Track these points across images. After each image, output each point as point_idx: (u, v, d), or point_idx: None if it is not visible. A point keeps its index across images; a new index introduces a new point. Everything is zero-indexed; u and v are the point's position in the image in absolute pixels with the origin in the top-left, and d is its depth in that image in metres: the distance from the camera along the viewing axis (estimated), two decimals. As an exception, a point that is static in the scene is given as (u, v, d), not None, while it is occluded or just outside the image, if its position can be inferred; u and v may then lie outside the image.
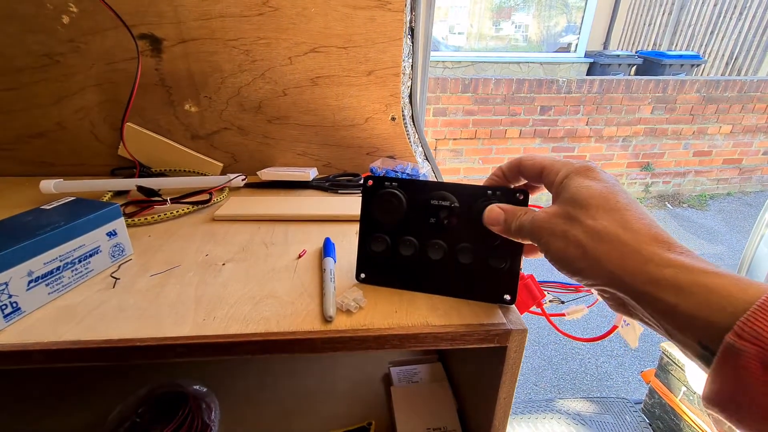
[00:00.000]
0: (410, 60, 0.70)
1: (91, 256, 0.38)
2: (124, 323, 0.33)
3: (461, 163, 3.07)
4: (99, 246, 0.39)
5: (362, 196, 0.38)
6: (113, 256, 0.40)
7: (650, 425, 1.17)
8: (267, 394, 0.54)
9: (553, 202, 0.30)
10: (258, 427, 0.49)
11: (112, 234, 0.40)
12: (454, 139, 3.00)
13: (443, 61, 4.31)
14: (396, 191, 0.37)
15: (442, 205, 0.36)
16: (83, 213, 0.38)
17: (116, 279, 0.38)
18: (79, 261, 0.37)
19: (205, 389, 0.50)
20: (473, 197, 0.36)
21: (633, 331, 0.36)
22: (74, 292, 0.36)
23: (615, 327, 0.38)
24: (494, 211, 0.33)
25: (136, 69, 0.59)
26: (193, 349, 0.31)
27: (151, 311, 0.34)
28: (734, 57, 4.46)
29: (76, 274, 0.37)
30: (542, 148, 3.11)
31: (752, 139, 3.34)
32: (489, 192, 0.36)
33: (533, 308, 0.39)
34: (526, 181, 0.35)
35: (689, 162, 3.36)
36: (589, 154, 3.19)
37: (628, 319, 0.37)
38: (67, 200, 0.41)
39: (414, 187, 0.37)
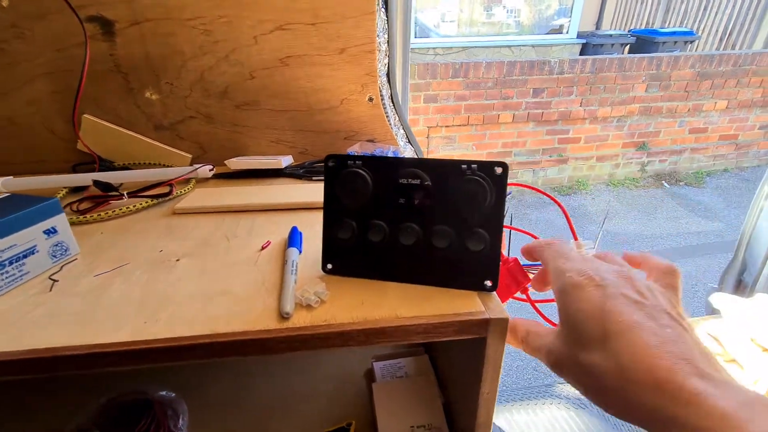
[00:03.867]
0: (385, 35, 0.65)
1: (25, 257, 0.34)
2: (56, 330, 0.29)
3: (455, 150, 3.03)
4: (35, 246, 0.35)
5: (324, 178, 0.34)
6: (54, 257, 0.37)
7: (652, 407, 1.15)
8: (243, 396, 0.50)
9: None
10: (231, 432, 0.46)
11: (50, 232, 0.36)
12: (447, 126, 2.95)
13: (434, 48, 4.24)
14: (360, 170, 0.33)
15: (412, 184, 0.33)
16: (14, 209, 0.34)
17: (54, 281, 0.34)
18: (10, 263, 0.33)
19: (173, 395, 0.46)
20: (447, 173, 0.32)
21: None
22: (5, 298, 0.32)
23: None
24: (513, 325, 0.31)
25: (84, 55, 0.54)
26: (129, 357, 0.27)
27: (87, 315, 0.30)
28: (728, 32, 4.40)
29: (7, 278, 0.33)
30: (536, 132, 3.07)
31: (748, 114, 3.30)
32: (464, 166, 0.32)
33: (517, 294, 0.36)
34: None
35: (685, 140, 3.32)
36: (583, 135, 3.15)
37: None
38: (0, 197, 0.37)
39: (380, 164, 0.33)
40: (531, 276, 0.35)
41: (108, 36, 0.56)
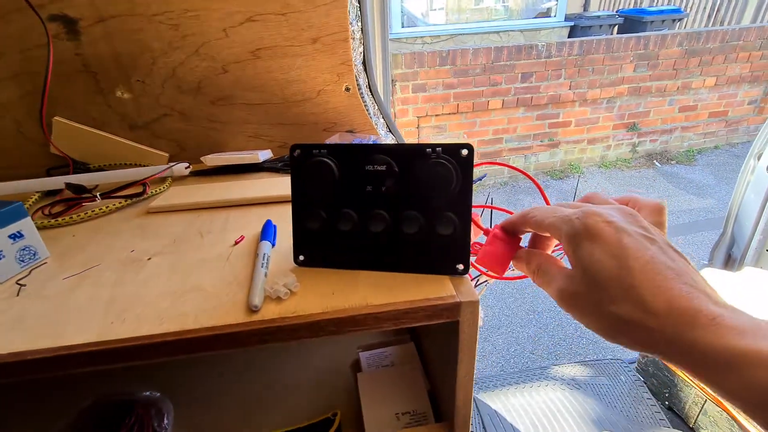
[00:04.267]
0: (359, 23, 0.64)
1: (-9, 262, 0.34)
2: (21, 334, 0.29)
3: (445, 139, 3.01)
4: (0, 251, 0.34)
5: (291, 169, 0.34)
6: (22, 261, 0.36)
7: (645, 383, 1.16)
8: (229, 392, 0.50)
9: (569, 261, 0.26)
10: (217, 427, 0.45)
11: (16, 236, 0.36)
12: (437, 115, 2.93)
13: (421, 37, 4.20)
14: (325, 159, 0.33)
15: (378, 171, 0.32)
16: (-25, 215, 0.33)
17: (22, 286, 0.34)
18: (-25, 269, 0.33)
19: (157, 394, 0.46)
20: (412, 158, 0.32)
21: None
22: (-29, 305, 0.32)
23: None
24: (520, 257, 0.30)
25: (48, 56, 0.53)
26: (96, 357, 0.27)
27: (53, 318, 0.30)
28: (716, 8, 4.38)
29: (-28, 285, 0.32)
30: (526, 117, 3.06)
31: (737, 89, 3.30)
32: (428, 150, 0.31)
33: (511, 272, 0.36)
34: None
35: (675, 118, 3.32)
36: (574, 118, 3.14)
37: None
38: (-37, 203, 0.36)
39: (345, 152, 0.33)
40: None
41: (72, 35, 0.55)
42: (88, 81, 0.58)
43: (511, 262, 0.31)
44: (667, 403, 1.10)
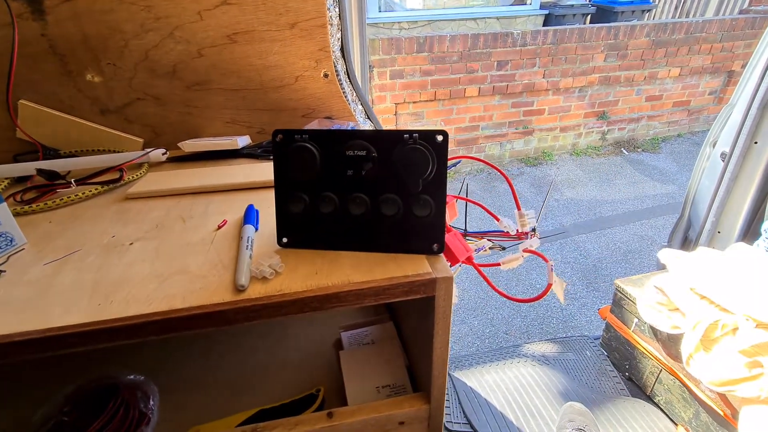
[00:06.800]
0: (336, 9, 0.64)
1: (-34, 249, 0.33)
2: (6, 318, 0.29)
3: (423, 126, 3.03)
4: (-24, 237, 0.34)
5: (273, 154, 0.35)
6: (-1, 248, 0.36)
7: (608, 357, 1.25)
8: (214, 373, 0.51)
9: None
10: (203, 408, 0.47)
11: (-8, 222, 0.35)
12: (414, 102, 2.94)
13: (399, 22, 4.15)
14: (307, 144, 0.34)
15: (358, 156, 0.34)
16: (-53, 201, 0.33)
17: (1, 272, 0.34)
18: (-50, 256, 0.32)
19: (142, 378, 0.47)
20: (390, 143, 0.33)
21: (560, 286, 0.36)
22: (-51, 291, 0.32)
23: (550, 285, 0.38)
24: None
25: (12, 36, 0.51)
26: (86, 337, 0.28)
27: (38, 302, 0.30)
28: (682, 0, 4.53)
29: (-52, 271, 0.32)
30: (502, 105, 3.11)
31: (699, 80, 3.46)
32: (406, 136, 0.33)
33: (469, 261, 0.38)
34: None
35: (642, 108, 3.46)
36: (547, 107, 3.22)
37: (555, 277, 0.37)
38: (-69, 189, 0.35)
39: (327, 138, 0.34)
40: (487, 240, 0.38)
41: (38, 15, 0.52)
42: (55, 63, 0.56)
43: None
44: (627, 374, 1.19)
